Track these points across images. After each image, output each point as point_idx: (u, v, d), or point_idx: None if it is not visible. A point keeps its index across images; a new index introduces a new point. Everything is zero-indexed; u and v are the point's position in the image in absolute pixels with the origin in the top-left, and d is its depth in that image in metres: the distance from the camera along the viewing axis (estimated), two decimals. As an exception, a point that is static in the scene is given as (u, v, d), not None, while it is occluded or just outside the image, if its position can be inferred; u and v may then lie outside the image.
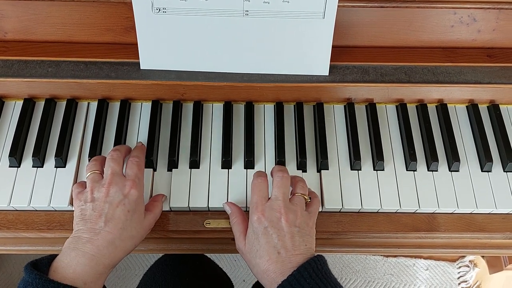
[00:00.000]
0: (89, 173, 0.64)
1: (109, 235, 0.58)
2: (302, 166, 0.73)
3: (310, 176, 0.73)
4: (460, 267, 1.43)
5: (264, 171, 0.72)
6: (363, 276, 1.41)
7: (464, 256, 1.43)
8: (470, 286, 1.41)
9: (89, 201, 0.61)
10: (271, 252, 0.58)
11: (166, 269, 0.85)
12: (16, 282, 1.36)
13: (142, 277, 0.87)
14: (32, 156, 0.71)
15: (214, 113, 0.78)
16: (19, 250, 0.76)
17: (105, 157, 0.66)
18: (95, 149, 0.73)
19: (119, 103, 0.78)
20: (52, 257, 0.57)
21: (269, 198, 0.63)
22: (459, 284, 1.41)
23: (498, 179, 0.74)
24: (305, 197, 0.64)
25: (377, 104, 0.79)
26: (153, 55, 0.73)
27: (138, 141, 0.75)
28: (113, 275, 1.39)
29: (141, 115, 0.78)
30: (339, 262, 1.43)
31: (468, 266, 1.41)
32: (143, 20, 0.69)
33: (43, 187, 0.70)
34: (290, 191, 0.65)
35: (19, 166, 0.72)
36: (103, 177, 0.64)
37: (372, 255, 1.42)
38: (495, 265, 1.32)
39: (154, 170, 0.73)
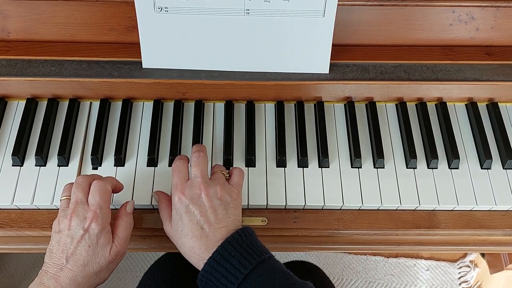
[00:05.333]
0: (61, 199, 0.63)
1: (70, 272, 0.58)
2: (303, 164, 0.74)
3: (311, 174, 0.73)
4: (460, 267, 1.43)
5: (264, 169, 0.73)
6: (364, 276, 1.41)
7: (464, 256, 1.43)
8: (471, 286, 1.41)
9: (56, 231, 0.60)
10: (194, 229, 0.59)
11: (166, 268, 0.85)
12: (17, 284, 1.35)
13: (142, 277, 0.87)
14: (35, 155, 0.72)
15: (215, 112, 0.79)
16: (22, 249, 0.76)
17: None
18: (97, 148, 0.73)
19: (121, 102, 0.78)
20: None
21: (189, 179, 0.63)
22: (460, 284, 1.41)
23: (497, 176, 0.75)
24: (223, 173, 0.65)
25: (377, 103, 0.80)
26: (155, 54, 0.73)
27: (140, 139, 0.76)
28: (113, 277, 1.38)
29: (143, 114, 0.78)
30: (339, 263, 1.43)
31: (469, 266, 1.42)
32: (145, 19, 0.70)
33: (46, 185, 0.71)
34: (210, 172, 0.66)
35: (22, 165, 0.73)
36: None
37: (373, 253, 1.42)
38: (495, 265, 1.33)
39: (156, 168, 0.73)
